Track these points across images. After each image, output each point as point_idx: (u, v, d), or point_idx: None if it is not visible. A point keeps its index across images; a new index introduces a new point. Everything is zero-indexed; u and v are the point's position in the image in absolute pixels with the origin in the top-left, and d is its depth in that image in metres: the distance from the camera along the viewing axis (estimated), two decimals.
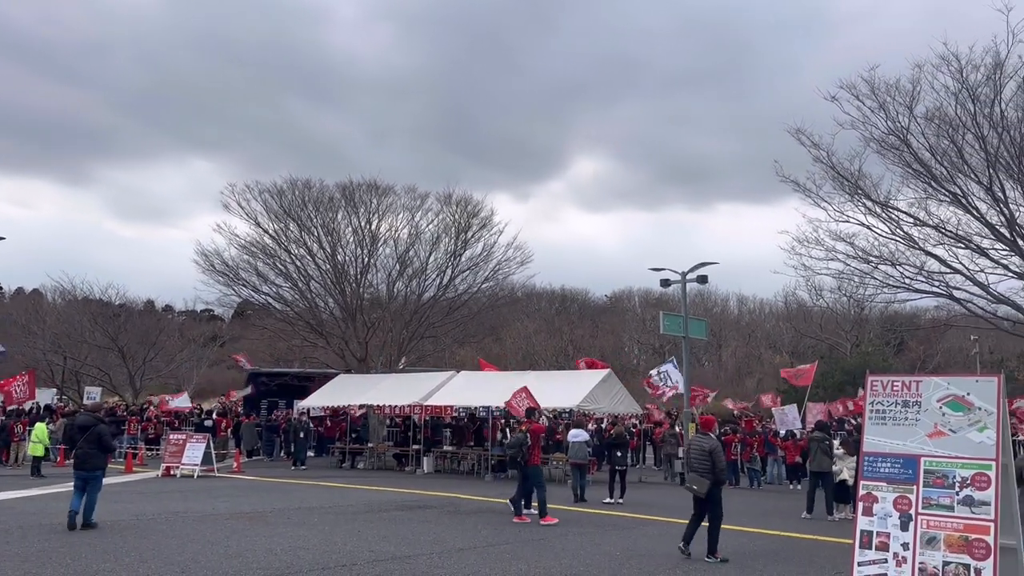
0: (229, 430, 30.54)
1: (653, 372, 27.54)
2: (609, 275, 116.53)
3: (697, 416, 27.49)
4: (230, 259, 33.67)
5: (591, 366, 27.39)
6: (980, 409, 6.35)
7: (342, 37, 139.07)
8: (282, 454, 30.33)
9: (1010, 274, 19.60)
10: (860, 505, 6.69)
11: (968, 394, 6.44)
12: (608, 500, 16.97)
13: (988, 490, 6.12)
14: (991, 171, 18.91)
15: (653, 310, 54.61)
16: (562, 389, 22.99)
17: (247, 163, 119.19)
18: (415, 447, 25.44)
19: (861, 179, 20.55)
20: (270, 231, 33.58)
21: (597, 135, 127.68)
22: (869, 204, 20.56)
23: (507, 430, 25.64)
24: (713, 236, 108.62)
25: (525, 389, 19.83)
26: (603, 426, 26.45)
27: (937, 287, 20.48)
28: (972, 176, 19.38)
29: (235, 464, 24.32)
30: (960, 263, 19.91)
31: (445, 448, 25.54)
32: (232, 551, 10.10)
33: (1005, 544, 6.12)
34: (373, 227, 33.75)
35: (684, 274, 25.67)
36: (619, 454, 17.69)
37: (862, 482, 6.72)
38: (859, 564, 6.50)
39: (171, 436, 23.61)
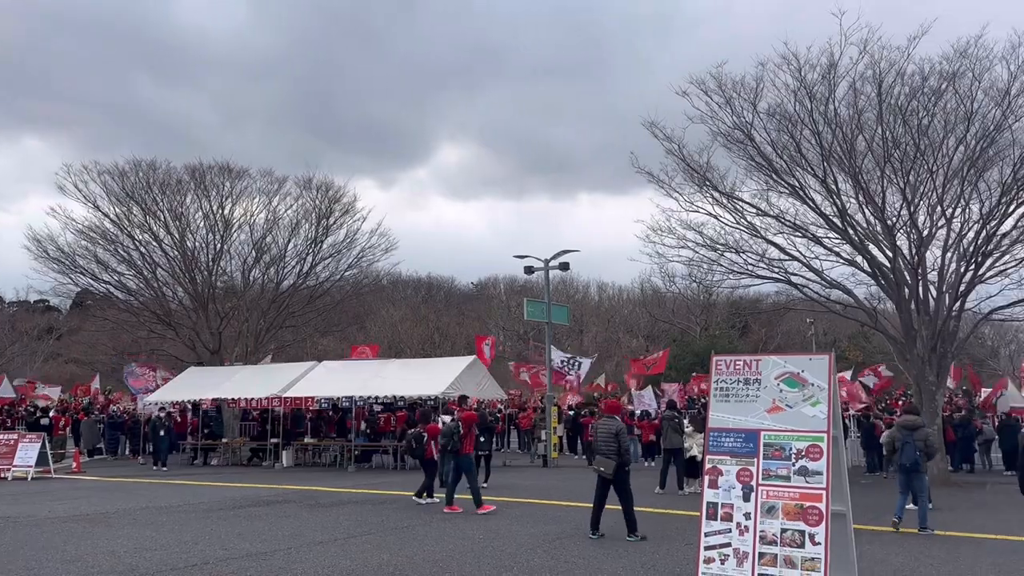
0: (68, 428, 28.49)
1: (558, 359, 27.77)
2: (475, 262, 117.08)
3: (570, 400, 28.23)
4: (66, 245, 31.30)
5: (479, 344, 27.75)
6: (813, 385, 6.81)
7: (191, 12, 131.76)
8: (127, 452, 28.71)
9: (841, 261, 21.15)
10: (706, 479, 7.04)
11: (803, 371, 6.90)
12: None
13: (820, 460, 6.57)
14: (825, 165, 20.30)
15: (518, 297, 55.26)
16: (427, 377, 22.91)
17: (85, 142, 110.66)
18: (273, 441, 24.66)
19: (709, 171, 21.52)
20: (111, 215, 31.41)
21: (462, 122, 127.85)
22: (716, 195, 21.58)
23: (372, 419, 25.33)
24: (575, 225, 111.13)
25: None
26: None
27: (777, 273, 21.79)
28: (809, 169, 20.72)
29: (74, 464, 22.72)
30: (797, 251, 21.28)
31: (306, 440, 24.90)
32: (70, 555, 9.41)
33: (836, 510, 6.61)
34: (226, 212, 32.23)
35: (547, 261, 26.15)
36: (483, 439, 17.83)
37: (708, 457, 7.06)
38: (706, 535, 6.84)
39: (1, 436, 21.75)
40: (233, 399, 25.52)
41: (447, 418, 18.18)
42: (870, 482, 19.42)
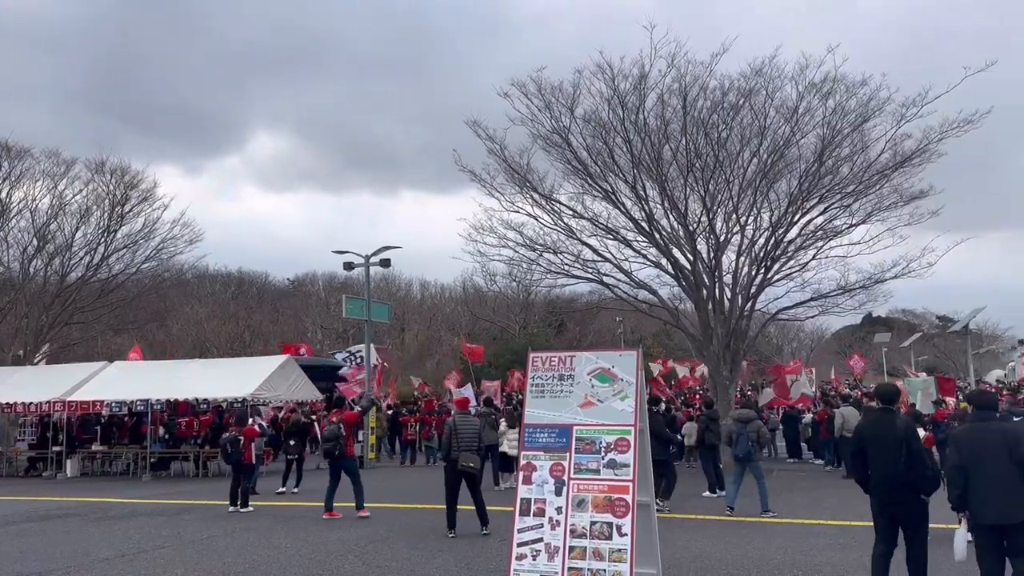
0: None
1: (340, 355, 27.00)
2: (291, 258, 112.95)
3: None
4: None
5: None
6: (622, 380, 7.00)
7: None
8: None
9: (648, 263, 22.32)
10: (520, 474, 7.03)
11: (613, 367, 7.06)
12: (281, 490, 16.35)
13: (628, 453, 6.75)
14: (635, 172, 21.31)
15: (337, 294, 53.77)
16: (235, 377, 21.66)
17: None
18: (56, 449, 22.34)
19: (529, 173, 21.99)
20: None
21: (279, 111, 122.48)
22: (536, 196, 22.09)
23: (171, 424, 23.59)
24: (399, 222, 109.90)
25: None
26: (280, 415, 25.43)
27: (590, 274, 22.65)
28: (620, 175, 21.68)
29: None
30: (609, 252, 22.22)
31: (94, 448, 22.78)
32: None
33: (641, 501, 6.82)
34: (3, 195, 28.91)
35: (367, 258, 25.54)
36: (292, 443, 17.12)
37: (523, 452, 7.06)
38: (519, 531, 6.82)
39: None
40: (9, 403, 22.84)
41: (261, 420, 17.31)
42: None
